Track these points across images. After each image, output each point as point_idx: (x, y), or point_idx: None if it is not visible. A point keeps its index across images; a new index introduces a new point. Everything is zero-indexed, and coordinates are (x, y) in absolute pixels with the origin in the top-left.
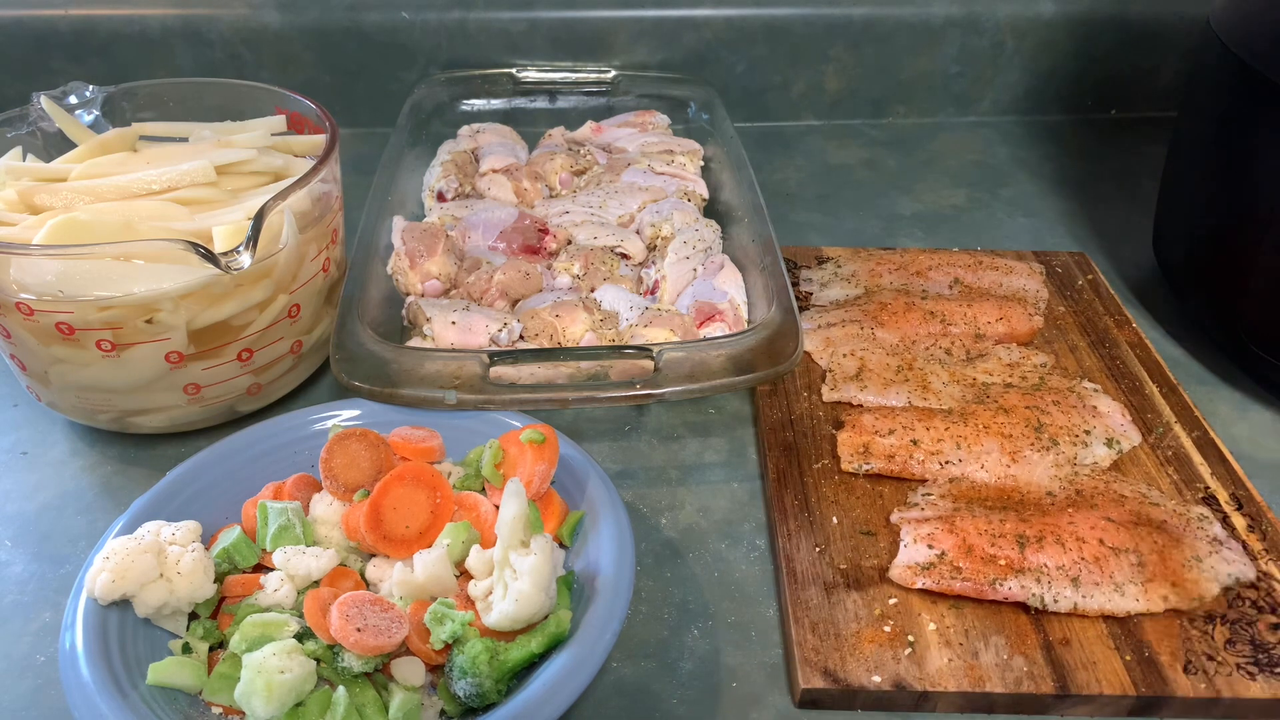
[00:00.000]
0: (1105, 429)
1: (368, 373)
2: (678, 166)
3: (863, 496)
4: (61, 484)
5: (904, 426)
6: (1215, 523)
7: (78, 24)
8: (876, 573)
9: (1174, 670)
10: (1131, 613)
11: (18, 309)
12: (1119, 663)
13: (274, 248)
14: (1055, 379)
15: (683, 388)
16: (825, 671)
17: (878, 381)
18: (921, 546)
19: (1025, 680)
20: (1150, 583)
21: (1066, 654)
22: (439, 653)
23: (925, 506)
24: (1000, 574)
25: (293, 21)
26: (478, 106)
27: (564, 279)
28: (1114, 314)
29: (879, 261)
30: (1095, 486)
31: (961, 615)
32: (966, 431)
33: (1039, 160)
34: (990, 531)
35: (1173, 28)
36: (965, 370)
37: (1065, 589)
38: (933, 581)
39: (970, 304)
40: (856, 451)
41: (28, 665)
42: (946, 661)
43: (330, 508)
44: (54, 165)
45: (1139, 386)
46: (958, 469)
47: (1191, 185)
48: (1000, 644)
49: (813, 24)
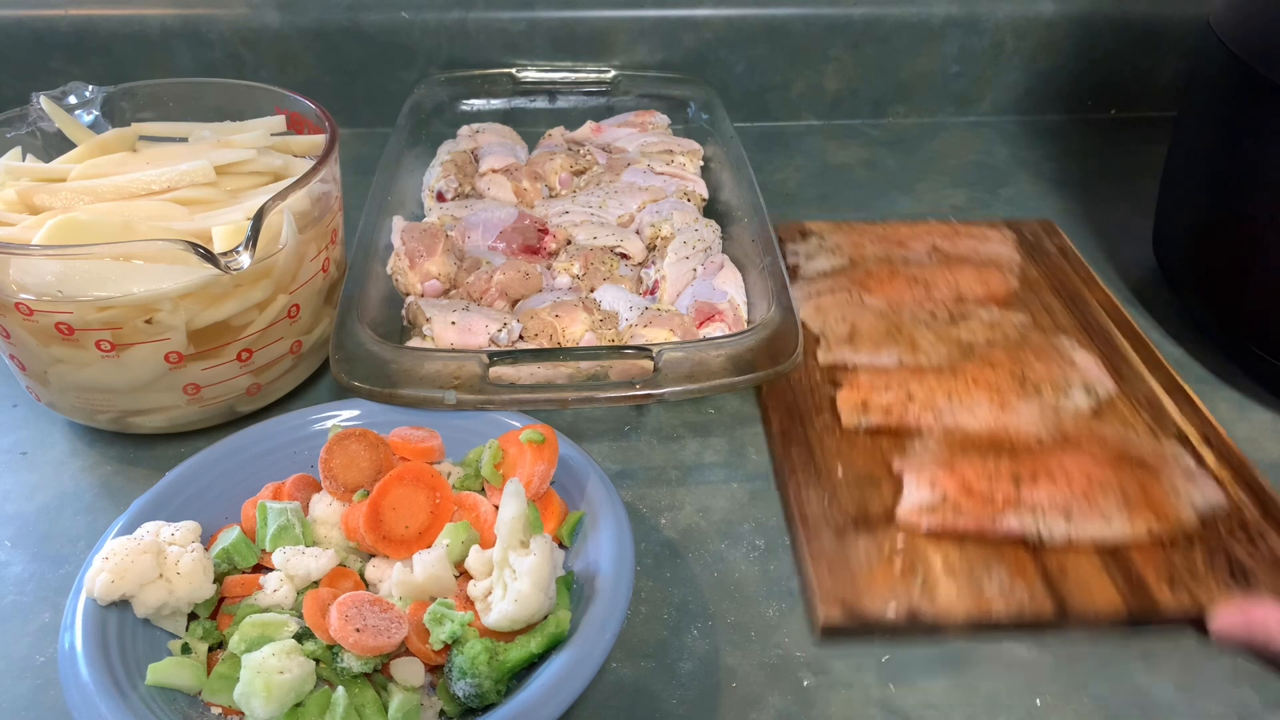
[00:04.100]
0: (1083, 379)
1: (367, 373)
2: (677, 166)
3: (864, 450)
4: (61, 484)
5: (898, 383)
6: (1188, 457)
7: (78, 24)
8: (883, 516)
9: (1160, 589)
10: (1119, 540)
11: (17, 309)
12: (1110, 585)
13: (273, 248)
14: (1034, 336)
15: (682, 388)
16: (843, 605)
17: (869, 343)
18: (925, 489)
19: (1027, 605)
20: (1134, 513)
21: (1063, 581)
22: (438, 653)
23: (924, 454)
24: (999, 510)
25: (293, 21)
26: (477, 106)
27: (564, 279)
28: (1083, 275)
29: (861, 234)
30: (1079, 430)
31: (965, 551)
32: (957, 385)
33: (1039, 160)
34: (987, 473)
35: (1173, 28)
36: (950, 330)
37: (1059, 522)
38: (937, 521)
39: (950, 269)
40: (856, 407)
41: (27, 665)
42: (954, 592)
43: (330, 508)
44: (53, 165)
45: (1109, 339)
46: (951, 419)
47: (1191, 185)
48: (1002, 575)
49: (813, 24)
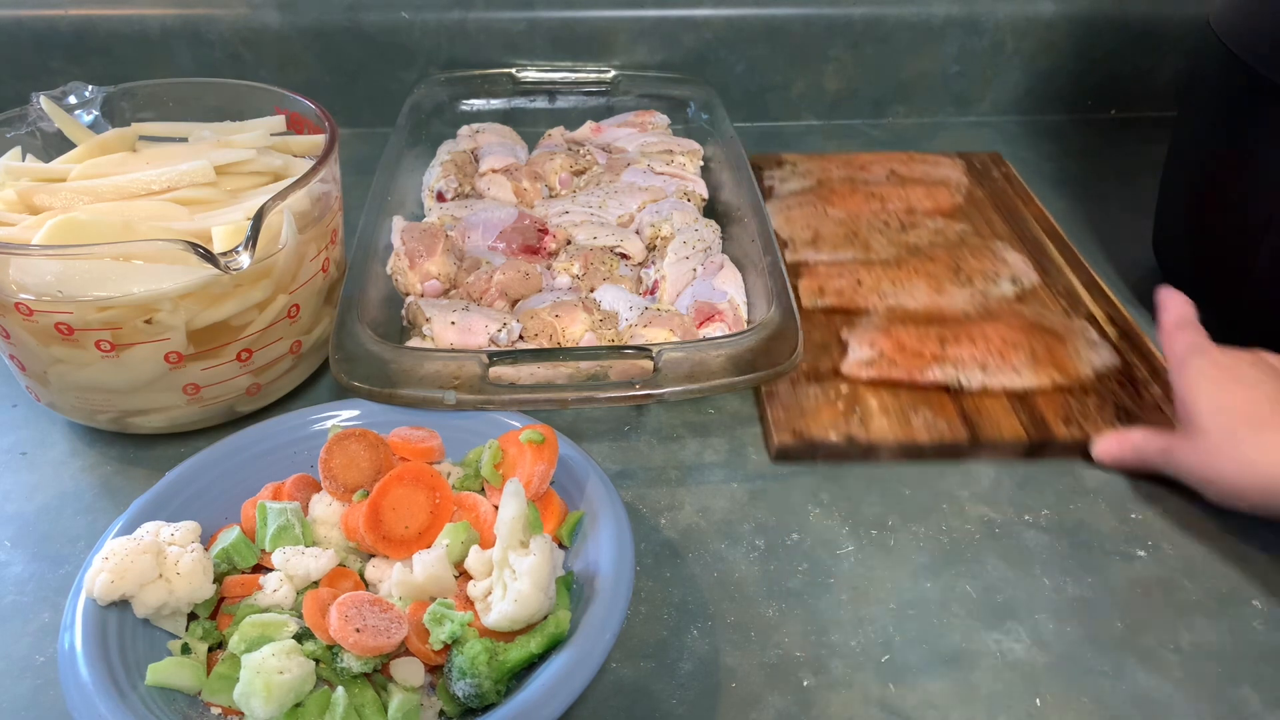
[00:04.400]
0: (1011, 273)
1: (367, 373)
2: (677, 166)
3: (819, 325)
4: (61, 484)
5: (850, 273)
6: (1093, 331)
7: (78, 24)
8: (831, 371)
9: (1056, 424)
10: (1026, 389)
11: (17, 309)
12: (1016, 422)
13: (273, 248)
14: (973, 240)
15: (682, 388)
16: (793, 432)
17: (829, 245)
18: (866, 348)
19: (946, 434)
20: (1040, 368)
21: (977, 417)
22: (438, 653)
23: (869, 325)
24: (926, 364)
25: (293, 21)
26: (477, 106)
27: (563, 279)
28: (1023, 196)
29: (829, 161)
30: (1002, 309)
31: (897, 396)
32: (900, 274)
33: (1039, 160)
34: (919, 336)
35: (1173, 28)
36: (900, 236)
37: (976, 373)
38: (875, 373)
39: (904, 187)
40: (814, 292)
41: (26, 666)
42: (886, 425)
43: (329, 508)
44: (53, 165)
45: (1040, 246)
46: (894, 300)
47: (1191, 185)
48: (927, 413)
49: (813, 24)
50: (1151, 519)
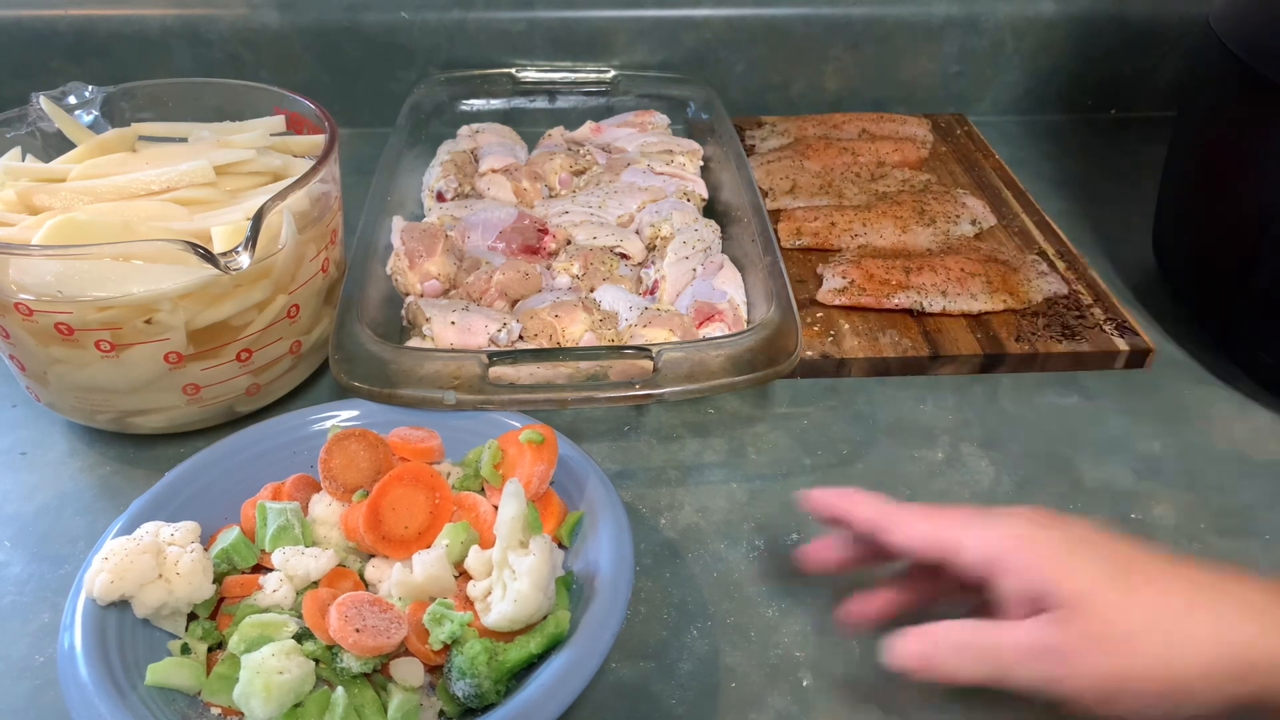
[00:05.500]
0: (971, 215)
1: (367, 373)
2: (677, 166)
3: (797, 262)
4: (60, 484)
5: (824, 216)
6: (1044, 264)
7: (77, 24)
8: (808, 300)
9: (1008, 341)
10: (981, 311)
11: (17, 309)
12: (972, 338)
13: (273, 248)
14: (936, 187)
15: (682, 388)
16: None
17: (805, 194)
18: (838, 278)
19: (910, 350)
20: (995, 293)
21: (938, 336)
22: (438, 653)
23: (841, 260)
24: (892, 290)
25: (292, 21)
26: (477, 106)
27: (563, 279)
28: (983, 151)
29: (805, 120)
30: (961, 245)
31: (866, 320)
32: (870, 216)
33: (1039, 160)
34: (885, 266)
35: (1173, 28)
36: (870, 185)
37: (937, 298)
38: (846, 299)
39: (874, 142)
40: (792, 233)
41: (26, 666)
42: (857, 344)
43: (329, 508)
44: (53, 165)
45: (998, 194)
46: (864, 239)
47: (1191, 185)
48: (893, 333)
49: (813, 24)
50: (1152, 519)
